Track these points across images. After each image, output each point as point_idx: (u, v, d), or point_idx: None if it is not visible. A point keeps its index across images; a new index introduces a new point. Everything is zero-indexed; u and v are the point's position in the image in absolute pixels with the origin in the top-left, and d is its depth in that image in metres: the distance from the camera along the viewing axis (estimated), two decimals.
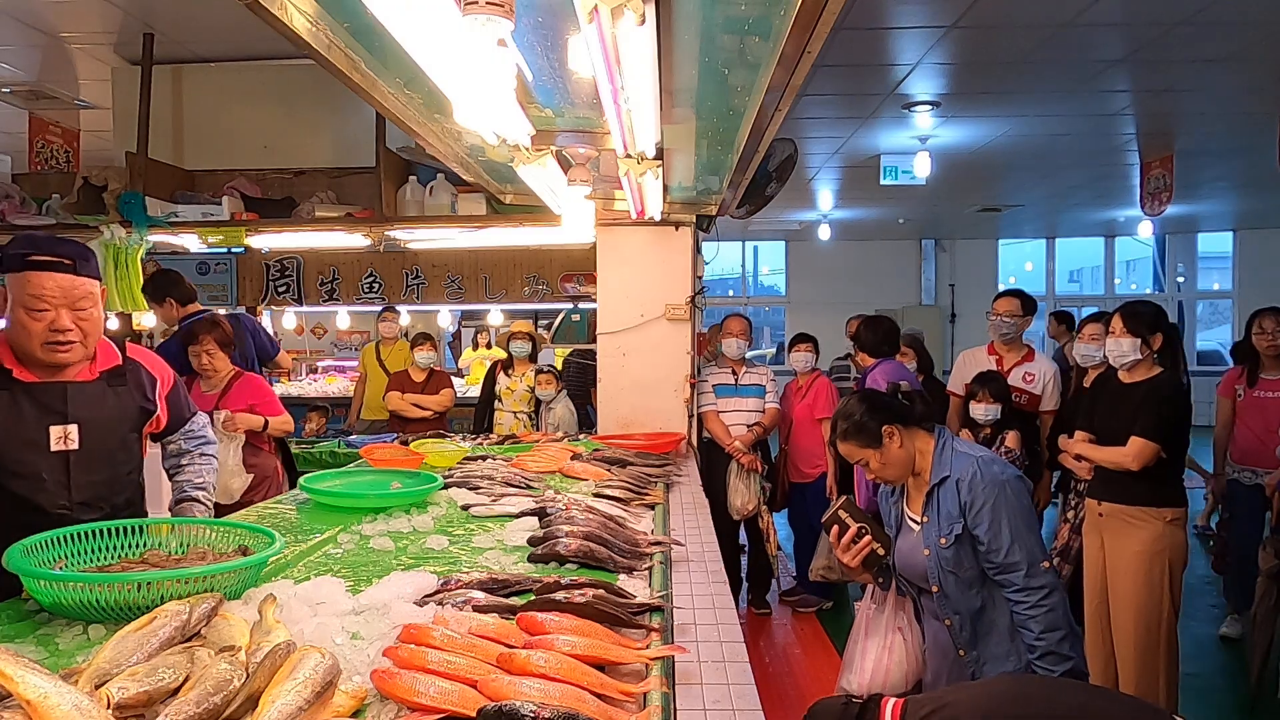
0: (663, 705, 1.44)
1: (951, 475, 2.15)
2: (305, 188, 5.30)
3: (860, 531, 2.23)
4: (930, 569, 2.18)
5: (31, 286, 2.08)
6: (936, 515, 2.17)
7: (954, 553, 2.13)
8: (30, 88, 5.74)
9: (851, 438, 2.24)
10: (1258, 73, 5.51)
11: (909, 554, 2.26)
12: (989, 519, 2.09)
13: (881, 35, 4.99)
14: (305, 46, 2.08)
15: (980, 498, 2.10)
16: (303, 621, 1.67)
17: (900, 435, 2.22)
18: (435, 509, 2.88)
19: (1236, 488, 4.64)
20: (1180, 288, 15.07)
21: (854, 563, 2.24)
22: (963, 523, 2.11)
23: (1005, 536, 2.08)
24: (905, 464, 2.24)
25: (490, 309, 8.78)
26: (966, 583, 2.14)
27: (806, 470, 5.33)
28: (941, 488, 2.17)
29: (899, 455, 2.22)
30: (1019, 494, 2.15)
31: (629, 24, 1.52)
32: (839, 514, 2.26)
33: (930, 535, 2.18)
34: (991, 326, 4.58)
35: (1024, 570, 2.07)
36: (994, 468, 2.16)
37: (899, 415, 2.24)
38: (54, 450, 2.16)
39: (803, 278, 15.03)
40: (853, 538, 2.23)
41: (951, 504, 2.14)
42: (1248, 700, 3.97)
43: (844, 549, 2.24)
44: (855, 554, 2.23)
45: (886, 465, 2.23)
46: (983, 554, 2.11)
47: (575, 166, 3.36)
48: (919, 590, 2.31)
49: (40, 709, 1.13)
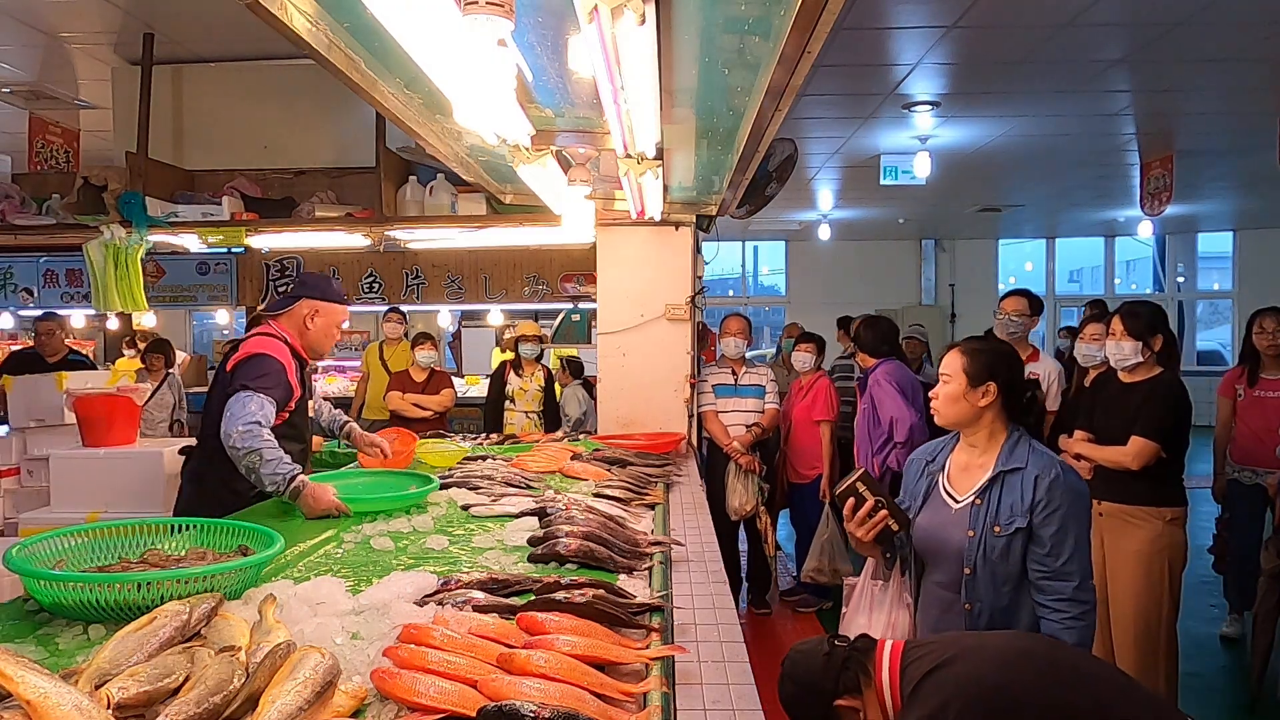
0: (663, 705, 1.44)
1: (1027, 469, 2.12)
2: (305, 188, 5.30)
3: (877, 505, 2.18)
4: (969, 551, 2.13)
5: (342, 315, 3.32)
6: (995, 502, 2.13)
7: (1005, 544, 2.10)
8: (30, 88, 5.74)
9: (968, 357, 2.21)
10: (1258, 73, 5.51)
11: (939, 529, 2.21)
12: (1059, 524, 2.07)
13: (881, 35, 4.99)
14: (305, 46, 2.08)
15: (1057, 501, 2.07)
16: (303, 621, 1.67)
17: (994, 400, 2.18)
18: (435, 509, 2.88)
19: (1236, 488, 4.64)
20: (1180, 288, 15.07)
21: (868, 537, 2.19)
22: (1028, 519, 2.08)
23: (1069, 545, 2.07)
24: (967, 420, 2.21)
25: (490, 309, 8.79)
26: (1003, 577, 2.11)
27: (804, 471, 5.33)
28: (1010, 477, 2.14)
29: (971, 409, 2.19)
30: (1088, 509, 2.15)
31: (629, 24, 1.52)
32: (856, 486, 2.19)
33: (979, 518, 2.13)
34: (998, 325, 4.58)
35: (1076, 582, 2.06)
36: (1074, 476, 2.15)
37: (1009, 391, 2.20)
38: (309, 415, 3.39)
39: (803, 278, 15.03)
40: (869, 511, 2.19)
41: (1019, 497, 2.11)
42: (1248, 700, 3.97)
43: (859, 523, 2.19)
44: (870, 528, 2.18)
45: (956, 404, 2.20)
46: (1039, 555, 2.08)
47: (575, 166, 3.36)
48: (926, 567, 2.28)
49: (40, 709, 1.13)
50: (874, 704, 1.76)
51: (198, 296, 8.00)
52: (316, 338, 3.22)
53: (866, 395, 4.48)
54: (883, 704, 1.75)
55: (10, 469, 4.14)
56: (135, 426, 3.96)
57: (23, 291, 8.46)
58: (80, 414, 3.85)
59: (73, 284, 8.29)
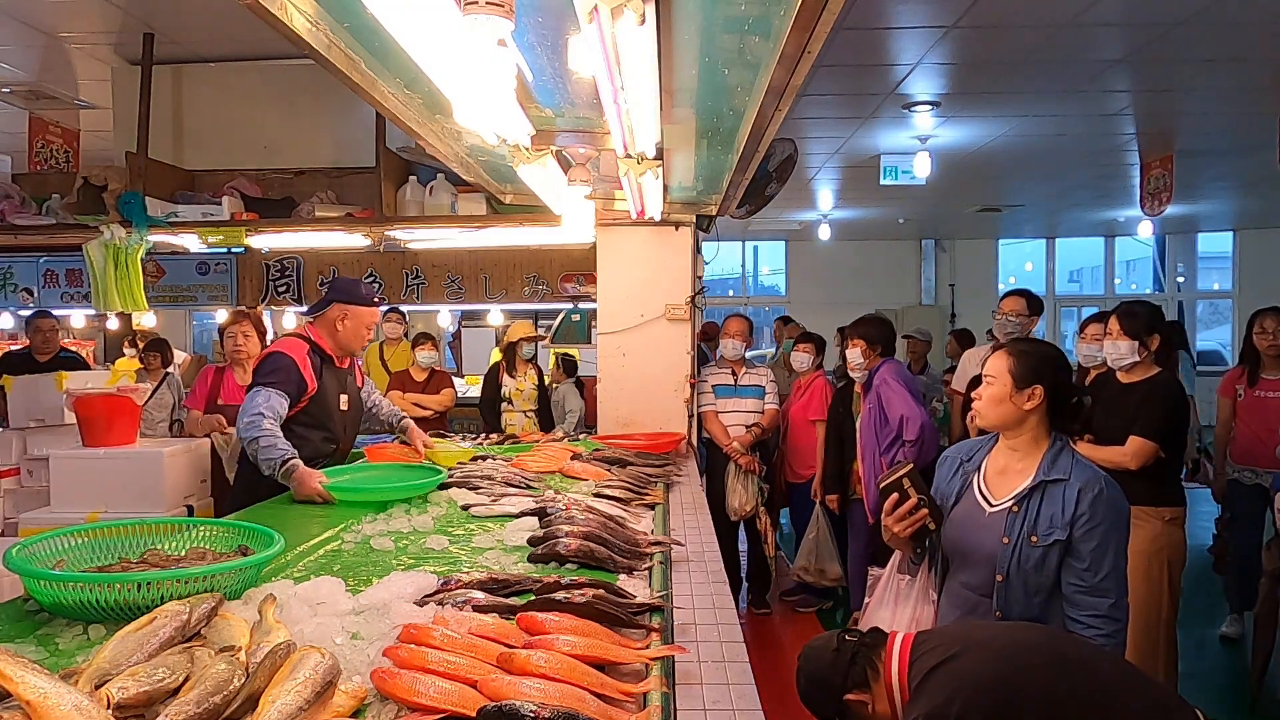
0: (663, 705, 1.44)
1: (1070, 481, 2.07)
2: (305, 188, 5.29)
3: (920, 503, 2.16)
4: (1002, 557, 2.10)
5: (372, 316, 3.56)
6: (1035, 512, 2.09)
7: (1041, 555, 2.06)
8: (30, 88, 5.74)
9: (1014, 359, 2.17)
10: (1258, 73, 5.51)
11: (974, 532, 2.17)
12: (1099, 540, 2.03)
13: (881, 35, 4.99)
14: (305, 46, 2.07)
15: (1100, 516, 2.03)
16: (303, 621, 1.67)
17: (1039, 404, 2.13)
18: (435, 509, 2.88)
19: (1237, 488, 4.64)
20: (1180, 288, 15.06)
21: (904, 533, 2.18)
22: (1068, 532, 2.04)
23: (1109, 562, 2.04)
24: (1011, 423, 2.16)
25: (490, 309, 8.79)
26: (1035, 587, 2.08)
27: (802, 471, 5.33)
28: (1052, 488, 2.09)
29: (1016, 412, 2.14)
30: (1128, 526, 2.12)
31: (629, 24, 1.52)
32: (902, 481, 2.17)
33: (1016, 526, 2.09)
34: (997, 326, 4.59)
35: (1113, 600, 2.04)
36: (1116, 492, 2.10)
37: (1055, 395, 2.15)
38: (341, 410, 3.57)
39: (803, 278, 15.03)
40: (911, 508, 2.17)
41: (1059, 509, 2.06)
42: (1248, 700, 3.97)
43: (898, 518, 2.17)
44: (909, 525, 2.16)
45: (1000, 406, 2.15)
46: (1078, 569, 2.04)
47: (575, 166, 3.36)
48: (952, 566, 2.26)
49: (40, 709, 1.13)
50: (882, 697, 1.77)
51: (198, 296, 7.99)
52: (347, 339, 3.52)
53: (872, 395, 4.48)
54: (890, 697, 1.76)
55: (10, 469, 4.14)
56: (135, 426, 3.96)
57: (23, 291, 8.46)
58: (80, 414, 3.85)
59: (73, 284, 8.29)
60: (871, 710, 1.78)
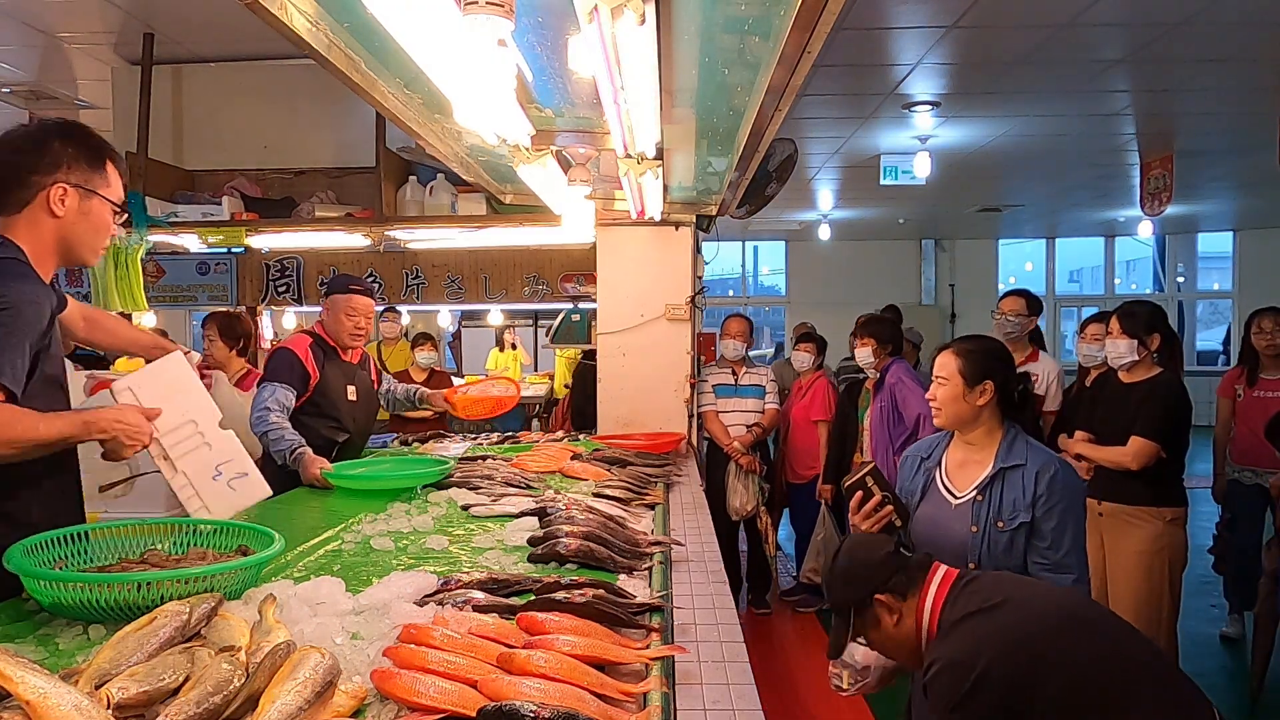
0: (663, 705, 1.44)
1: (1027, 466, 2.17)
2: (305, 188, 5.30)
3: (884, 500, 2.23)
4: (972, 545, 2.17)
5: (348, 302, 3.62)
6: (999, 497, 2.17)
7: (1009, 538, 2.14)
8: (30, 88, 5.74)
9: (962, 358, 2.25)
10: (1258, 73, 5.51)
11: (941, 525, 2.24)
12: (1059, 518, 2.12)
13: (881, 35, 4.99)
14: (305, 46, 2.07)
15: (1057, 497, 2.12)
16: (303, 621, 1.66)
17: (991, 398, 2.23)
18: (435, 509, 2.88)
19: (1237, 488, 4.64)
20: (1180, 288, 15.06)
21: (872, 530, 2.24)
22: (1031, 514, 2.13)
23: (1068, 539, 2.12)
24: (965, 420, 2.25)
25: (490, 309, 8.78)
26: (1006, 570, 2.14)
27: (803, 471, 5.33)
28: (1011, 473, 2.18)
29: (971, 409, 2.23)
30: (1084, 505, 2.22)
31: (629, 24, 1.52)
32: (865, 480, 2.24)
33: (982, 514, 2.17)
34: (996, 325, 4.59)
35: (1075, 575, 2.12)
36: (1070, 472, 2.20)
37: (1004, 386, 2.25)
38: (349, 400, 3.67)
39: (803, 278, 15.03)
40: (876, 506, 2.23)
41: (1020, 492, 2.15)
42: (1248, 700, 3.97)
43: (864, 516, 2.24)
44: (875, 522, 2.23)
45: (956, 404, 2.24)
46: (1040, 548, 2.13)
47: (575, 166, 3.36)
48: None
49: (40, 709, 1.13)
50: (910, 615, 1.80)
51: (198, 296, 7.97)
52: (333, 329, 3.71)
53: (884, 393, 4.49)
54: (919, 620, 1.79)
55: None
56: None
57: None
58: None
59: (73, 284, 8.25)
60: (895, 621, 1.82)
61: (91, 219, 2.00)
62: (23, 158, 1.93)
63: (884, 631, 1.85)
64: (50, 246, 1.97)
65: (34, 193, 1.92)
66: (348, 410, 3.69)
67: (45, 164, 1.93)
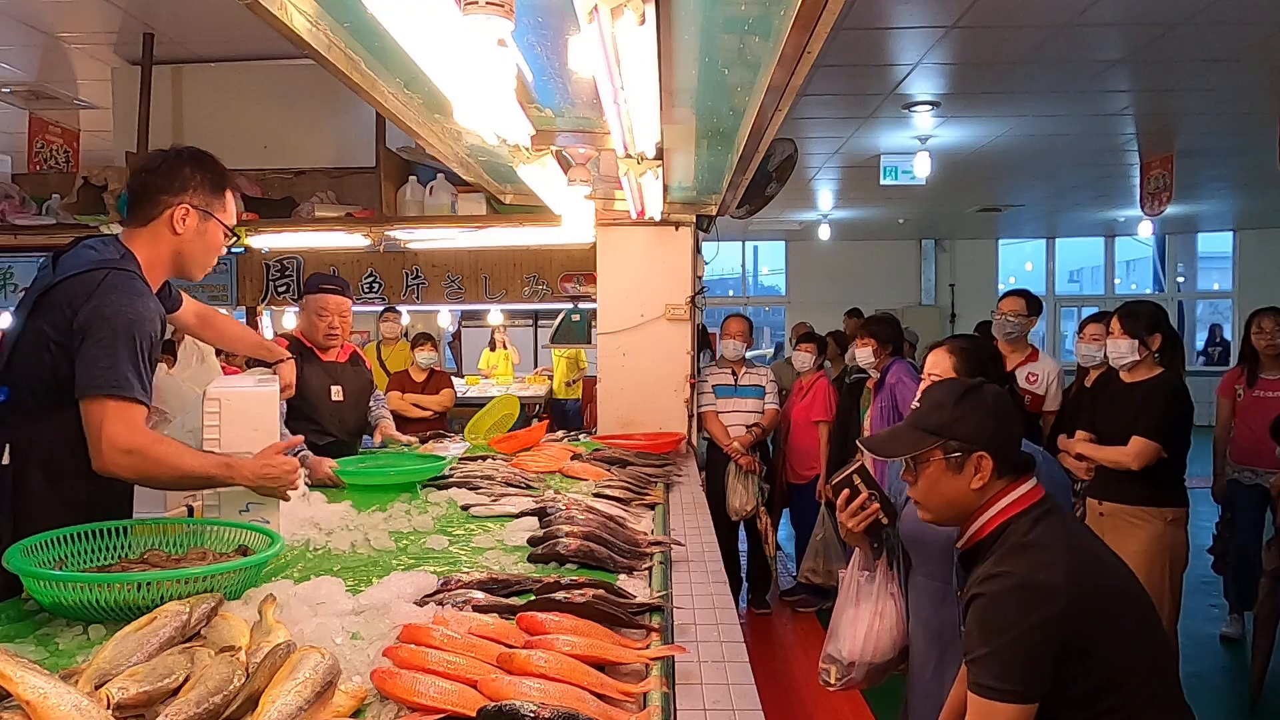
0: (663, 705, 1.44)
1: None
2: (305, 188, 5.29)
3: (870, 498, 2.20)
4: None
5: (321, 301, 3.65)
6: None
7: None
8: (30, 88, 5.73)
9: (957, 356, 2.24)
10: (1258, 73, 5.51)
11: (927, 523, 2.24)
12: None
13: (881, 35, 4.99)
14: (305, 46, 2.07)
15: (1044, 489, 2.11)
16: (303, 621, 1.67)
17: None
18: (435, 509, 2.88)
19: (1236, 488, 4.64)
20: (1180, 288, 15.06)
21: (857, 528, 2.22)
22: None
23: None
24: None
25: (490, 309, 8.79)
26: None
27: (803, 472, 5.33)
28: None
29: None
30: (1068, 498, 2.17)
31: (629, 24, 1.52)
32: (852, 478, 2.22)
33: None
34: (996, 326, 4.60)
35: None
36: (1055, 468, 2.17)
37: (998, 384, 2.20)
38: (332, 401, 3.65)
39: (803, 278, 15.02)
40: (861, 504, 2.21)
41: None
42: (1248, 700, 3.97)
43: (850, 513, 2.21)
44: (860, 520, 2.20)
45: None
46: None
47: (575, 166, 3.36)
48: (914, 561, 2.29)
49: (40, 709, 1.13)
50: (984, 491, 1.71)
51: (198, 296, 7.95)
52: (308, 329, 3.72)
53: (885, 393, 4.50)
54: (985, 504, 1.71)
55: None
56: None
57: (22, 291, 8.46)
58: None
59: None
60: (966, 482, 1.72)
61: (206, 239, 2.20)
62: (155, 179, 2.13)
63: (946, 479, 1.74)
64: (165, 260, 2.16)
65: (160, 210, 2.11)
66: (331, 412, 3.66)
67: (175, 186, 2.13)
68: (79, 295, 1.95)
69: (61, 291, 1.97)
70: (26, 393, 1.99)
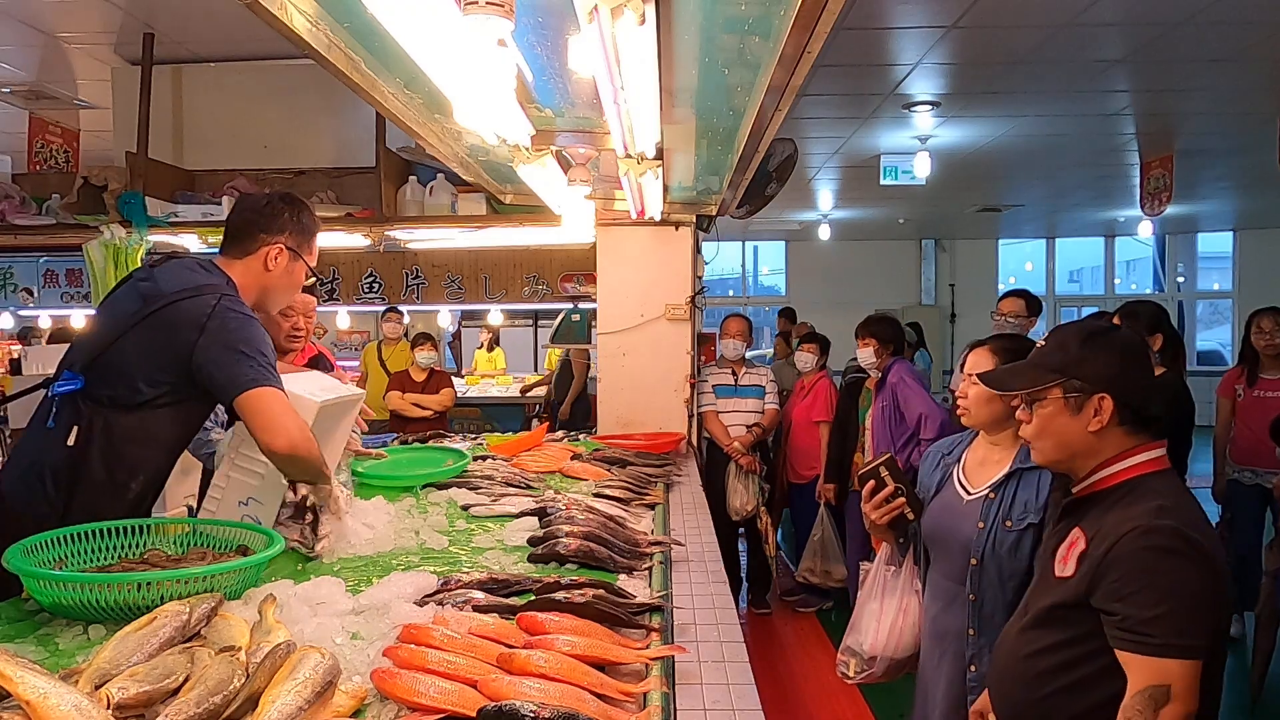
0: (663, 705, 1.44)
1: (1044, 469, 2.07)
2: (305, 188, 5.28)
3: (897, 491, 2.20)
4: (978, 542, 2.13)
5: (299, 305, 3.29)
6: (1010, 497, 2.12)
7: (1015, 539, 2.09)
8: (30, 88, 5.74)
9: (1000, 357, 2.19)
10: (1258, 73, 5.51)
11: (951, 519, 2.20)
12: None
13: (881, 35, 4.99)
14: (305, 46, 2.07)
15: None
16: (303, 621, 1.67)
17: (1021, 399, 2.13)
18: (435, 509, 2.88)
19: (1237, 488, 4.64)
20: (1180, 288, 15.06)
21: (882, 521, 2.22)
22: (1041, 516, 2.07)
23: None
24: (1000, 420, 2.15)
25: (490, 309, 8.80)
26: (1009, 572, 2.09)
27: (804, 472, 5.33)
28: (1029, 474, 2.12)
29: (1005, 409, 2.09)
30: None
31: (629, 24, 1.52)
32: (879, 470, 2.21)
33: (991, 512, 2.13)
34: (996, 326, 4.60)
35: None
36: None
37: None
38: None
39: (803, 278, 15.02)
40: (888, 496, 2.20)
41: (1034, 493, 2.10)
42: (1248, 700, 3.97)
43: (875, 505, 2.21)
44: (886, 513, 2.20)
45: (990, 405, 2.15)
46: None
47: (575, 166, 3.36)
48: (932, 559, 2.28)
49: (40, 709, 1.13)
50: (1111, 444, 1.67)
51: None
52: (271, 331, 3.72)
53: (886, 392, 4.50)
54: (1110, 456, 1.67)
55: None
56: None
57: (23, 291, 8.46)
58: None
59: (73, 284, 8.29)
60: (1087, 425, 1.67)
61: (291, 278, 2.35)
62: (258, 218, 2.29)
63: (1063, 419, 1.68)
64: (251, 291, 2.28)
65: (257, 247, 2.28)
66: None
67: (274, 227, 2.28)
68: (199, 313, 2.08)
69: (176, 310, 2.09)
70: (104, 388, 2.09)
